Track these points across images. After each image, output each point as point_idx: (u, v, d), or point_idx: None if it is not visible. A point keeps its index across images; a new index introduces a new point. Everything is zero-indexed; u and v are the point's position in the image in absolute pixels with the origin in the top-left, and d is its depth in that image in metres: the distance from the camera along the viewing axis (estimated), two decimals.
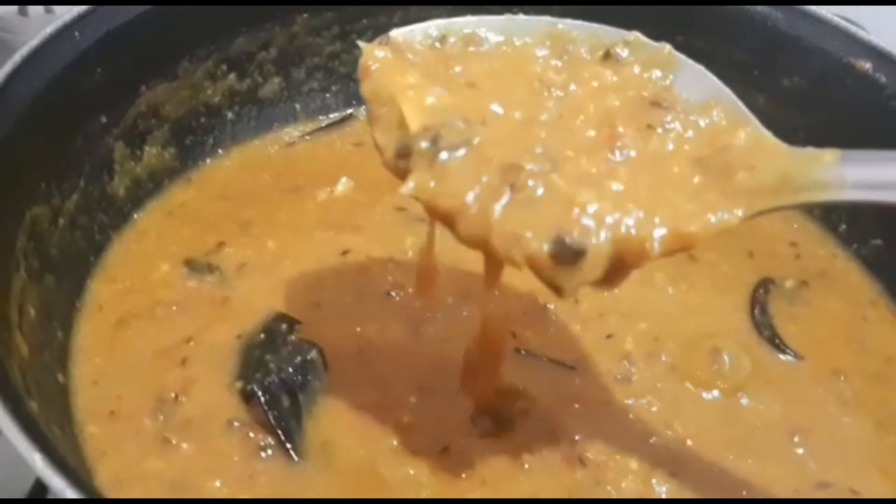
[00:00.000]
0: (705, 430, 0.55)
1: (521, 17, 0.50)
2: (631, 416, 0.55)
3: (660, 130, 0.45)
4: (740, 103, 0.47)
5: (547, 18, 0.49)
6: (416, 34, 0.48)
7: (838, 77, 0.65)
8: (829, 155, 0.43)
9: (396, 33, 0.48)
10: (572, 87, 0.47)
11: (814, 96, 0.66)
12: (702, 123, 0.46)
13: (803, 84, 0.67)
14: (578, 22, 0.49)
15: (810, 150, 0.44)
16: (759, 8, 0.67)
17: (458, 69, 0.47)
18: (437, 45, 0.48)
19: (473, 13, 0.49)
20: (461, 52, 0.48)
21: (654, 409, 0.55)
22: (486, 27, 0.49)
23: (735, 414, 0.56)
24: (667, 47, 0.49)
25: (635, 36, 0.49)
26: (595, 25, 0.49)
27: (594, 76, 0.48)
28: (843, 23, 0.66)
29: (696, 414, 0.55)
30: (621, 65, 0.48)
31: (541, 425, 0.53)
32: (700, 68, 0.48)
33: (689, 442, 0.54)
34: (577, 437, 0.53)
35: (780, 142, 0.45)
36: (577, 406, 0.54)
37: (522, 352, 0.57)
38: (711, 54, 0.49)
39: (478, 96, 0.46)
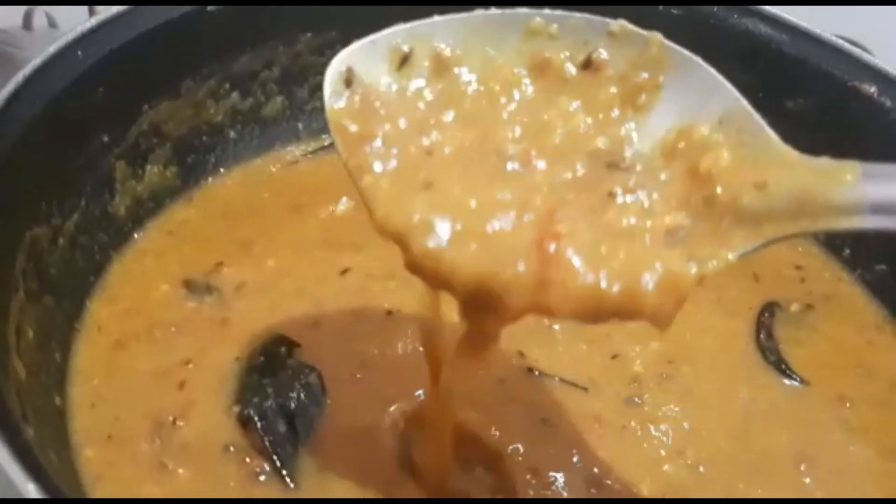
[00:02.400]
0: (716, 456, 0.54)
1: (495, 11, 0.45)
2: (645, 444, 0.54)
3: (619, 199, 0.40)
4: (744, 101, 0.42)
5: (523, 11, 0.45)
6: (378, 48, 0.43)
7: (843, 100, 0.64)
8: (849, 172, 0.38)
9: (356, 58, 0.43)
10: (534, 160, 0.41)
11: (818, 119, 0.66)
12: (665, 176, 0.41)
13: (808, 107, 0.66)
14: (558, 12, 0.45)
15: (826, 163, 0.39)
16: (763, 30, 0.67)
17: (428, 140, 0.42)
18: (407, 85, 0.43)
19: None
20: (432, 104, 0.43)
21: (668, 434, 0.55)
22: (456, 33, 0.44)
23: (745, 440, 0.55)
24: (657, 38, 0.44)
25: (620, 26, 0.44)
26: (576, 17, 0.44)
27: (564, 119, 0.43)
28: (847, 45, 0.65)
29: (707, 440, 0.55)
30: (599, 81, 0.43)
31: (556, 447, 0.53)
32: (695, 61, 0.43)
33: (700, 469, 0.53)
34: (588, 460, 0.52)
35: (791, 149, 0.41)
36: (595, 427, 0.54)
37: (536, 372, 0.57)
38: None
39: (439, 193, 0.41)
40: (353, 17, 0.70)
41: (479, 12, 0.45)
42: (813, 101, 0.66)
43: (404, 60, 0.44)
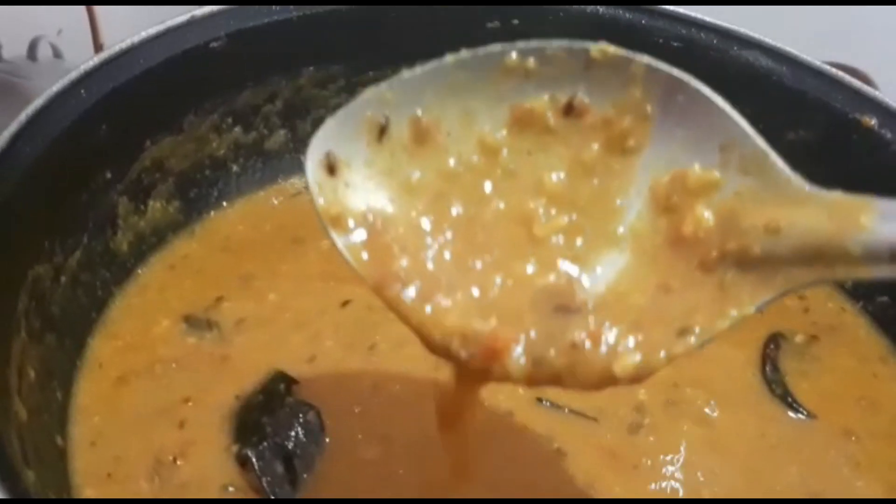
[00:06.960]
0: (730, 493, 0.53)
1: (465, 54, 0.41)
2: (655, 481, 0.54)
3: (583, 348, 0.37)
4: (744, 123, 0.38)
5: (496, 48, 0.41)
6: (353, 123, 0.41)
7: (844, 132, 0.64)
8: (865, 214, 0.34)
9: (332, 138, 0.40)
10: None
11: (819, 151, 0.65)
12: (627, 286, 0.38)
13: (808, 139, 0.66)
14: (533, 44, 0.41)
15: (840, 200, 0.35)
16: (763, 62, 0.67)
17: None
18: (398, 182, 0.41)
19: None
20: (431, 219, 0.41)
21: (681, 468, 0.54)
22: (430, 87, 0.41)
23: (756, 476, 0.55)
24: (643, 61, 0.39)
25: (601, 50, 0.40)
26: (554, 45, 0.40)
27: (549, 198, 0.40)
28: (848, 77, 0.65)
29: (720, 475, 0.54)
30: (584, 131, 0.40)
31: (572, 481, 0.53)
32: (685, 81, 0.39)
33: None
34: (602, 492, 0.52)
35: (799, 179, 0.37)
36: (610, 461, 0.54)
37: (545, 402, 0.56)
38: None
39: None
40: (354, 50, 0.71)
41: (449, 58, 0.41)
42: (813, 133, 0.66)
43: (382, 131, 0.42)
